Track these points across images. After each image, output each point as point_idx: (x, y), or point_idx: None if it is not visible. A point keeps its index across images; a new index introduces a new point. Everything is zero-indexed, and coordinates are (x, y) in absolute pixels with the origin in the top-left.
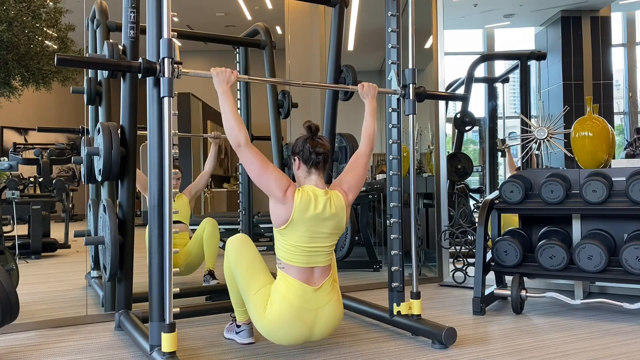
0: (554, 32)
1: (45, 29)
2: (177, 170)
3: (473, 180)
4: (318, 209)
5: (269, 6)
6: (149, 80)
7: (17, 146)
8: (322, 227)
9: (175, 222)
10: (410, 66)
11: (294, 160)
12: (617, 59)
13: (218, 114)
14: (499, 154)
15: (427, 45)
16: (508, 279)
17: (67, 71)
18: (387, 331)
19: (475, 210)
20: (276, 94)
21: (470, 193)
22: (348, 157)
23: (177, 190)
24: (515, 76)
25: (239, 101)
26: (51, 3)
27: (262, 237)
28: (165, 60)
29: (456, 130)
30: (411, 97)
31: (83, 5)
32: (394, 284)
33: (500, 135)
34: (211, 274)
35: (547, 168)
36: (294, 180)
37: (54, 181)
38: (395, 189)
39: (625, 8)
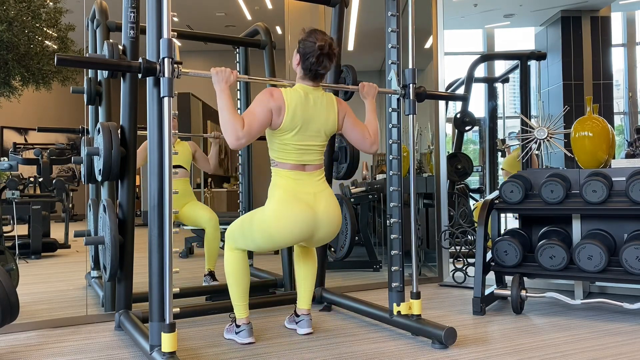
0: (554, 32)
1: (45, 29)
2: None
3: (473, 180)
4: (309, 99)
5: (269, 6)
6: (149, 80)
7: (17, 146)
8: (313, 121)
9: (175, 166)
10: (410, 66)
11: (296, 55)
12: (617, 59)
13: (218, 113)
14: (499, 154)
15: (427, 45)
16: (508, 279)
17: (67, 71)
18: (387, 331)
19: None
20: None
21: (470, 193)
22: (348, 157)
23: (176, 130)
24: (515, 76)
25: (238, 101)
26: (51, 3)
27: None
28: (165, 60)
29: (456, 130)
30: (411, 97)
31: (83, 5)
32: (394, 284)
33: (500, 135)
34: (211, 274)
35: (547, 168)
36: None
37: (54, 181)
38: (395, 189)
39: (625, 8)
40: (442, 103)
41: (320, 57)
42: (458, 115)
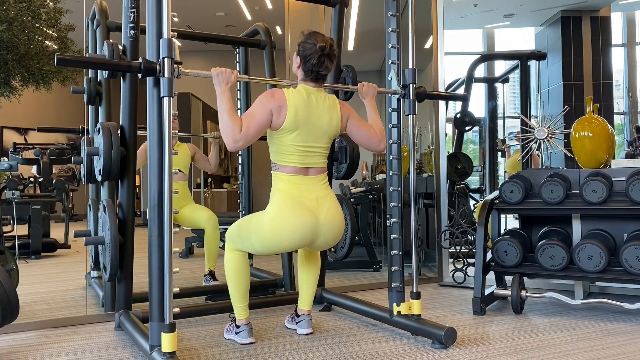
0: (554, 32)
1: (45, 29)
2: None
3: (473, 180)
4: (311, 100)
5: (269, 6)
6: (149, 80)
7: (17, 146)
8: (316, 122)
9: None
10: (410, 66)
11: (296, 58)
12: (617, 59)
13: (218, 114)
14: (499, 154)
15: (427, 45)
16: (508, 279)
17: (67, 71)
18: (387, 331)
19: (475, 210)
20: None
21: (470, 193)
22: (348, 157)
23: (177, 129)
24: (515, 76)
25: (239, 101)
26: (51, 3)
27: None
28: (165, 60)
29: (456, 130)
30: (411, 97)
31: (83, 5)
32: (394, 284)
33: (500, 135)
34: (211, 274)
35: (547, 168)
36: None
37: (54, 181)
38: (395, 189)
39: (625, 8)
40: (442, 103)
41: (321, 58)
42: (458, 115)
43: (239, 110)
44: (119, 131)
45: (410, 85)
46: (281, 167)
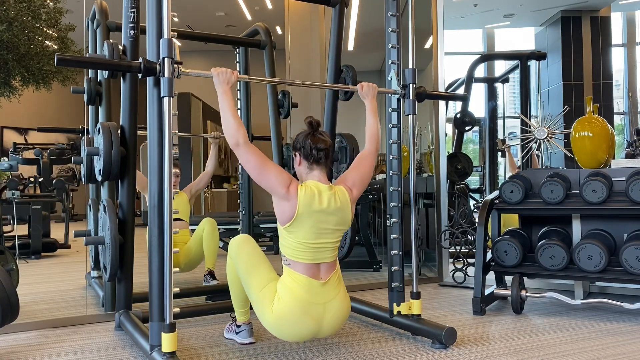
0: (554, 32)
1: (45, 29)
2: (176, 169)
3: (473, 180)
4: (323, 203)
5: (269, 6)
6: (149, 80)
7: (17, 146)
8: (327, 222)
9: (174, 219)
10: (410, 66)
11: (295, 156)
12: (617, 59)
13: (218, 114)
14: (499, 154)
15: (427, 45)
16: (508, 279)
17: (67, 71)
18: (387, 331)
19: (475, 210)
20: (276, 94)
21: (470, 193)
22: (348, 157)
23: (177, 188)
24: (515, 76)
25: (239, 101)
26: (51, 3)
27: (262, 237)
28: (165, 60)
29: (456, 130)
30: (411, 97)
31: (83, 5)
32: (394, 284)
33: (500, 135)
34: (211, 274)
35: (547, 168)
36: (295, 177)
37: (54, 181)
38: (395, 189)
39: (625, 8)
40: (442, 103)
41: (315, 135)
42: (458, 115)
43: (239, 111)
44: (119, 131)
45: (410, 85)
46: (292, 264)
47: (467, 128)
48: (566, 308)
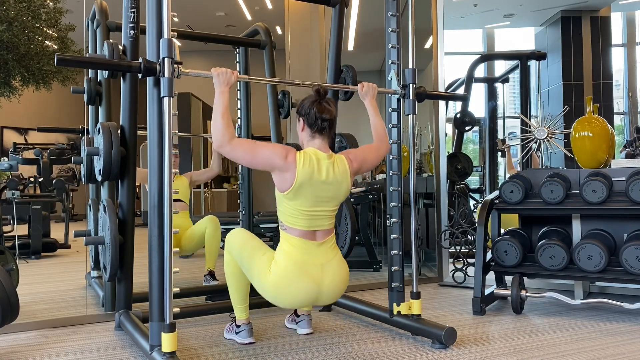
0: (554, 32)
1: (45, 29)
2: (175, 150)
3: (473, 180)
4: (322, 174)
5: (269, 6)
6: (149, 80)
7: (17, 146)
8: (325, 190)
9: (174, 200)
10: (410, 66)
11: (299, 121)
12: (617, 59)
13: None
14: (499, 154)
15: (427, 45)
16: (508, 279)
17: (67, 71)
18: (387, 331)
19: (475, 210)
20: (276, 94)
21: (470, 193)
22: None
23: (177, 169)
24: (515, 76)
25: (239, 101)
26: (51, 3)
27: (262, 237)
28: (165, 60)
29: (456, 130)
30: (411, 97)
31: (83, 5)
32: (394, 284)
33: (500, 135)
34: (211, 274)
35: (547, 168)
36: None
37: (54, 181)
38: (395, 189)
39: (625, 8)
40: (442, 103)
41: (321, 103)
42: (458, 115)
43: (239, 111)
44: (119, 131)
45: (410, 85)
46: (288, 229)
47: (467, 128)
48: (566, 308)
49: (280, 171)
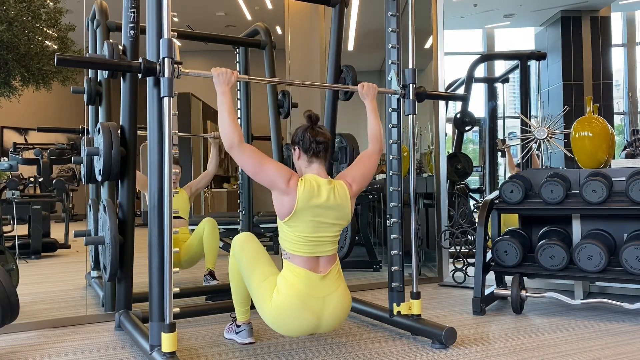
0: (554, 32)
1: (45, 29)
2: (176, 166)
3: (473, 180)
4: (322, 197)
5: (269, 6)
6: (149, 80)
7: (17, 146)
8: (326, 216)
9: (174, 217)
10: (410, 66)
11: (294, 150)
12: (617, 59)
13: (218, 114)
14: (499, 154)
15: (427, 45)
16: (508, 279)
17: (67, 71)
18: (387, 331)
19: (475, 210)
20: (276, 94)
21: (470, 193)
22: (348, 157)
23: (177, 186)
24: (515, 76)
25: (239, 101)
26: (51, 3)
27: (262, 237)
28: (165, 60)
29: (456, 130)
30: (411, 97)
31: (83, 5)
32: (394, 284)
33: (500, 135)
34: (211, 274)
35: (547, 168)
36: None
37: (54, 181)
38: (395, 189)
39: (625, 8)
40: (442, 103)
41: (314, 129)
42: (458, 115)
43: (239, 111)
44: (119, 131)
45: (410, 85)
46: (292, 257)
47: (467, 128)
48: (566, 308)
49: (280, 193)
